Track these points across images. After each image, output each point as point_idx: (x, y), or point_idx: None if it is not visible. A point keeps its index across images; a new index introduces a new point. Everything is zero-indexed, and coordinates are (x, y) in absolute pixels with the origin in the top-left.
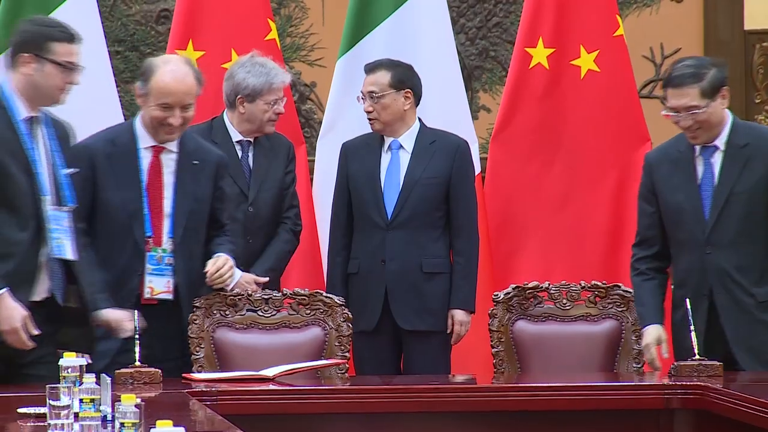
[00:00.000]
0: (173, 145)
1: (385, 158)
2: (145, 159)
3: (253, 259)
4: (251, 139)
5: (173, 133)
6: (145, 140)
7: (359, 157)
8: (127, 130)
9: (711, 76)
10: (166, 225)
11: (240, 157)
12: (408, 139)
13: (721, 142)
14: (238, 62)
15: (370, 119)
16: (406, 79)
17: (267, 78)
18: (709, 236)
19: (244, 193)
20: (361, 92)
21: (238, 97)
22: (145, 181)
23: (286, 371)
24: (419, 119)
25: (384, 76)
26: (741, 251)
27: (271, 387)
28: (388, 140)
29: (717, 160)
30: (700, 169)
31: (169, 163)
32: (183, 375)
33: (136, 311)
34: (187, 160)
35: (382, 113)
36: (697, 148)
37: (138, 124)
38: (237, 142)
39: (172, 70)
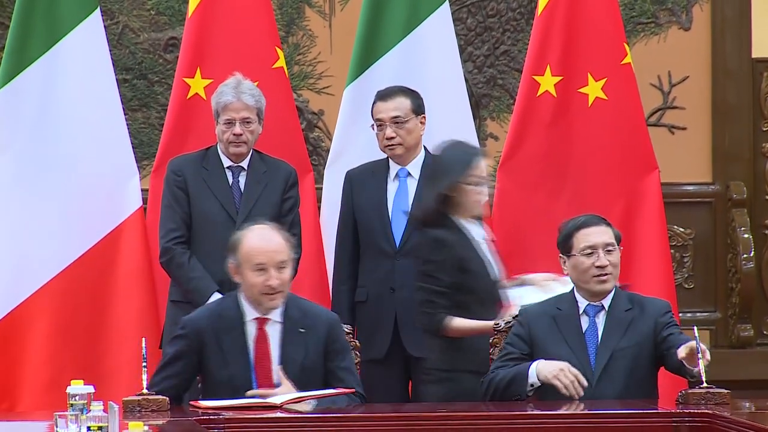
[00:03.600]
0: (277, 315)
1: (392, 186)
2: (251, 332)
3: None
4: (243, 165)
5: (275, 299)
6: (250, 313)
7: (365, 186)
8: (233, 304)
9: (614, 228)
10: None
11: (231, 183)
12: (415, 166)
13: (606, 302)
14: None
15: (391, 145)
16: (421, 104)
17: (218, 98)
18: (595, 391)
19: (232, 219)
20: (379, 119)
21: (214, 119)
22: (253, 354)
23: (294, 399)
24: (424, 147)
25: (405, 102)
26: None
27: (279, 414)
28: (394, 168)
29: (601, 319)
30: (584, 324)
31: (274, 333)
32: (190, 402)
33: (143, 338)
34: (292, 328)
35: (407, 138)
36: (581, 306)
37: (242, 297)
38: (227, 167)
39: (258, 234)
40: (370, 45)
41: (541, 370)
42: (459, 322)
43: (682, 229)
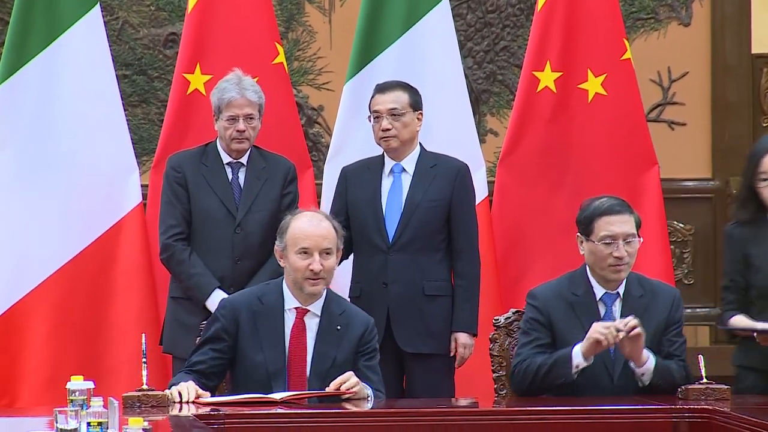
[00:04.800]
0: (317, 308)
1: (387, 182)
2: (289, 321)
3: (241, 281)
4: (243, 161)
5: (317, 284)
6: (290, 302)
7: (360, 181)
8: (275, 290)
9: (636, 214)
10: (306, 387)
11: (230, 179)
12: (410, 162)
13: (621, 289)
14: None
15: (387, 137)
16: (419, 101)
17: (221, 94)
18: (615, 385)
19: (231, 214)
20: (376, 111)
21: (213, 116)
22: (288, 342)
23: (294, 395)
24: (420, 143)
25: (403, 96)
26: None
27: (278, 410)
28: (389, 164)
29: (617, 307)
30: (601, 313)
31: (312, 326)
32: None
33: (143, 334)
34: (330, 324)
35: (402, 131)
36: (598, 293)
37: (285, 285)
38: (227, 163)
39: (308, 218)
40: (369, 41)
41: (585, 346)
42: (735, 320)
43: (682, 225)
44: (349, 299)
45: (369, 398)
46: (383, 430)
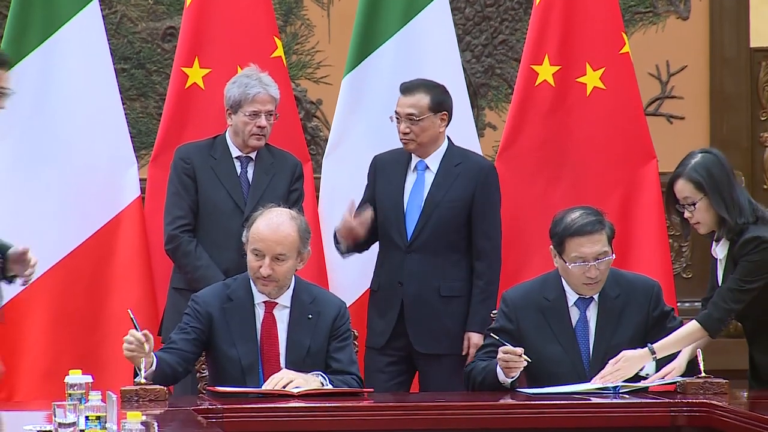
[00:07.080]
0: (286, 300)
1: (411, 178)
2: (260, 315)
3: None
4: (252, 156)
5: (267, 285)
6: (258, 296)
7: (387, 175)
8: (243, 285)
9: (609, 224)
10: None
11: (239, 173)
12: (434, 159)
13: (596, 294)
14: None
15: (405, 140)
16: (443, 102)
17: (245, 89)
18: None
19: (239, 208)
20: (396, 113)
21: (227, 109)
22: (260, 336)
23: (310, 390)
24: (448, 138)
25: (423, 99)
26: None
27: (277, 405)
28: (414, 160)
29: (592, 312)
30: (574, 318)
31: (282, 317)
32: (207, 387)
33: (129, 310)
34: (300, 314)
35: (420, 135)
36: (571, 298)
37: (251, 279)
38: (236, 157)
39: (268, 220)
40: (368, 34)
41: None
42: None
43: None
44: (369, 292)
45: (323, 385)
46: (378, 425)
